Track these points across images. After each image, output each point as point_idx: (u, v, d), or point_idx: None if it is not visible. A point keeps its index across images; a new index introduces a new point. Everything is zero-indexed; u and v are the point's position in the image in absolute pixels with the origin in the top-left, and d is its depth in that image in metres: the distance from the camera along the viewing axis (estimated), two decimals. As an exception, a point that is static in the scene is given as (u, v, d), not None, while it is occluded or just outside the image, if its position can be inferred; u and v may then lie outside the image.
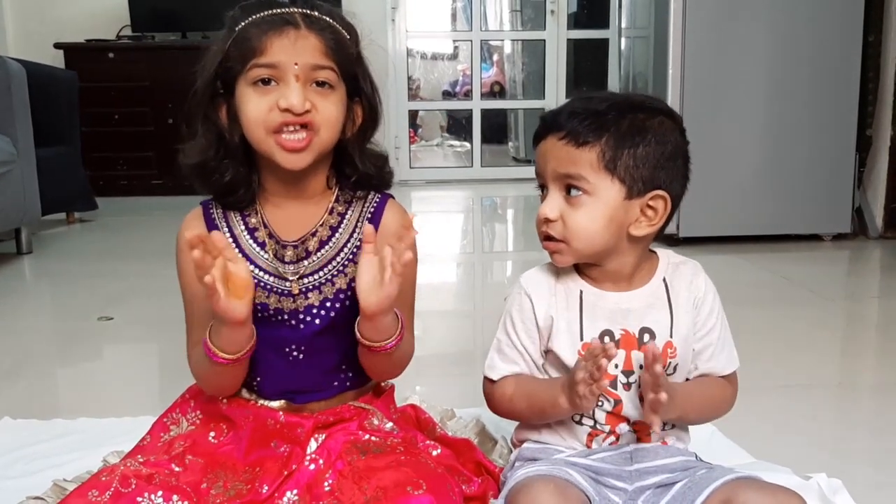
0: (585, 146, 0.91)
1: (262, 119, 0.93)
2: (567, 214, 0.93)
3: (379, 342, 0.95)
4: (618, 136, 0.91)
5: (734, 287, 2.46)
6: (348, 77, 0.98)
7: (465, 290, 2.80)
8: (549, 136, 0.94)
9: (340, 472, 0.94)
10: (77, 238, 3.62)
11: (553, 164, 0.93)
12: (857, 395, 1.64)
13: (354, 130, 1.02)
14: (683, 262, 1.02)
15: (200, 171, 0.99)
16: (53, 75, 3.74)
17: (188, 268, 0.99)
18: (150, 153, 4.66)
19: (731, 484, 0.87)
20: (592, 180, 0.91)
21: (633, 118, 0.92)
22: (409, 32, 5.45)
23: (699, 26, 2.96)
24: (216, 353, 0.93)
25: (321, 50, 0.94)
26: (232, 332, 0.92)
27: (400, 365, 1.04)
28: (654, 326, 0.96)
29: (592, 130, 0.91)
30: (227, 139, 0.98)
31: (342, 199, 1.04)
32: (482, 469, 1.07)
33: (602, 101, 0.94)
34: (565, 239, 0.94)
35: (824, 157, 3.05)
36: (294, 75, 0.93)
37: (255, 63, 0.93)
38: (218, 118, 0.98)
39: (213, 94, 0.98)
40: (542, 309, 0.97)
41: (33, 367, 1.85)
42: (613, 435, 0.97)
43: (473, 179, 5.56)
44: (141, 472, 0.92)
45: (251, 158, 1.00)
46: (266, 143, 0.95)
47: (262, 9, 0.95)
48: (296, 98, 0.92)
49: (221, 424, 1.03)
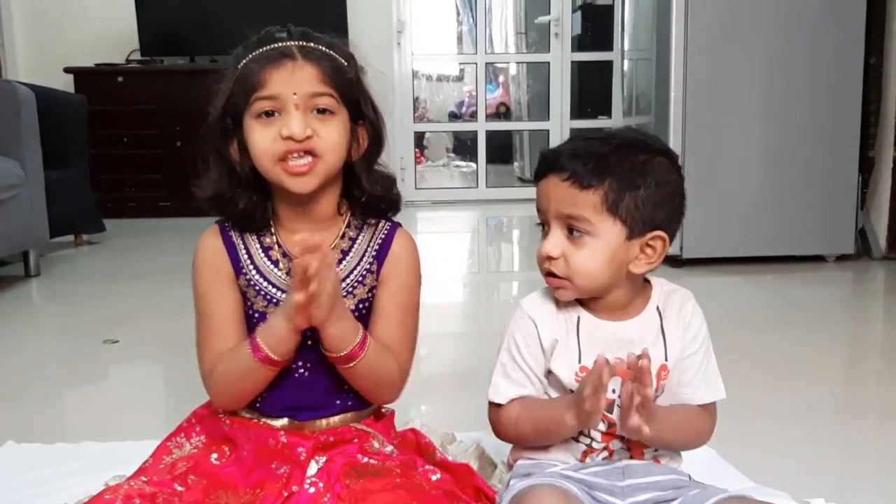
0: (589, 189, 0.93)
1: (268, 149, 0.98)
2: (569, 253, 0.95)
3: (343, 351, 0.98)
4: (620, 179, 0.93)
5: (737, 310, 2.46)
6: (349, 102, 1.02)
7: (470, 311, 2.80)
8: (550, 175, 0.96)
9: (339, 496, 0.95)
10: (85, 260, 3.65)
11: (556, 205, 0.95)
12: (861, 419, 1.63)
13: (360, 153, 1.06)
14: (675, 290, 1.04)
15: (216, 202, 1.05)
16: (62, 99, 3.78)
17: (207, 282, 1.05)
18: (158, 175, 4.70)
19: (724, 503, 0.89)
20: (595, 222, 0.94)
21: (633, 160, 0.94)
22: (414, 55, 5.50)
23: (700, 48, 2.99)
24: (268, 354, 0.97)
25: (318, 78, 0.99)
26: (290, 336, 0.97)
27: (379, 382, 1.04)
28: (649, 353, 0.97)
29: (596, 174, 0.93)
30: (238, 171, 1.03)
31: (353, 225, 1.08)
32: (481, 495, 1.07)
33: (603, 143, 0.96)
34: (568, 277, 0.96)
35: (827, 179, 3.06)
36: (294, 104, 0.97)
37: (257, 96, 0.98)
38: (229, 152, 1.03)
39: (224, 129, 1.03)
40: (546, 331, 0.99)
41: (39, 389, 1.86)
42: (607, 451, 0.99)
43: (479, 200, 5.59)
44: (144, 491, 0.94)
45: (264, 186, 1.04)
46: (274, 172, 0.99)
47: (261, 45, 1.00)
48: (296, 126, 0.97)
49: (224, 446, 1.05)
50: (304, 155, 0.98)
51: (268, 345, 0.97)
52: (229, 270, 1.05)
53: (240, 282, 1.05)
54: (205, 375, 1.05)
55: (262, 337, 0.98)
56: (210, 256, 1.06)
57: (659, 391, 0.98)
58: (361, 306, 1.06)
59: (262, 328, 0.99)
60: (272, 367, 0.99)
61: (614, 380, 0.95)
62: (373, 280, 1.06)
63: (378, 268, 1.07)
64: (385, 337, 1.04)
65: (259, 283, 1.04)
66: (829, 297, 2.69)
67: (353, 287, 1.05)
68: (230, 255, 1.05)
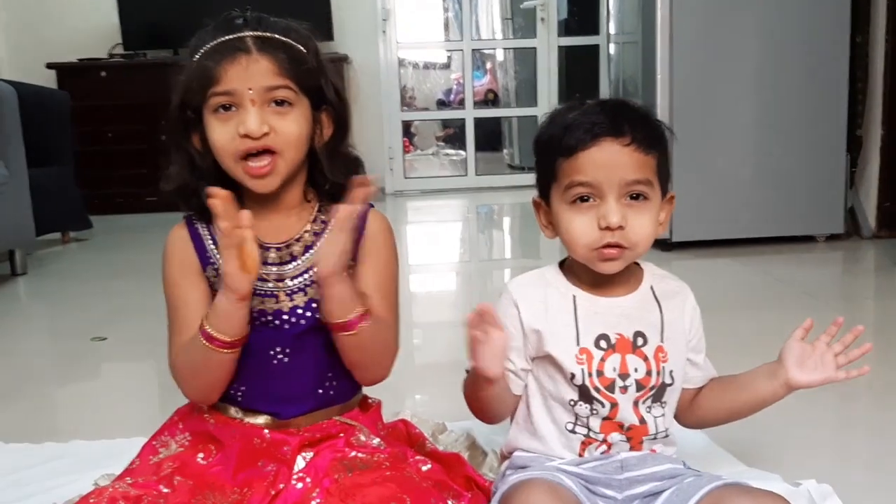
0: (650, 153, 0.94)
1: (227, 146, 0.97)
2: (632, 219, 0.94)
3: (341, 318, 0.96)
4: (663, 142, 0.97)
5: (728, 291, 2.46)
6: (309, 90, 1.00)
7: (461, 299, 2.79)
8: (604, 142, 0.93)
9: (327, 491, 0.94)
10: (72, 258, 3.63)
11: (621, 172, 0.93)
12: (852, 397, 1.63)
13: (324, 140, 1.04)
14: (668, 276, 1.05)
15: (181, 194, 1.03)
16: (45, 95, 3.75)
17: (174, 275, 1.03)
18: (144, 170, 4.67)
19: (719, 490, 0.89)
20: (654, 185, 0.95)
21: (656, 126, 0.98)
22: (400, 43, 5.47)
23: (686, 31, 2.98)
24: (214, 336, 0.95)
25: (274, 71, 0.97)
26: (234, 308, 0.94)
27: (377, 355, 1.02)
28: (647, 330, 0.98)
29: (653, 137, 0.95)
30: (200, 163, 1.01)
31: (325, 209, 1.06)
32: (472, 484, 1.07)
33: (636, 110, 0.98)
34: (632, 244, 0.95)
35: (815, 159, 3.06)
36: (250, 100, 0.96)
37: (212, 92, 0.96)
38: (191, 144, 1.02)
39: (185, 121, 1.01)
40: (529, 317, 0.98)
41: (26, 388, 1.84)
42: (605, 444, 0.97)
43: (468, 188, 5.57)
44: (129, 493, 0.93)
45: (227, 177, 1.02)
46: (235, 171, 0.99)
47: (216, 35, 0.98)
48: (253, 123, 0.95)
49: (210, 445, 1.03)
50: (263, 154, 0.97)
51: (216, 327, 0.95)
52: (195, 263, 1.03)
53: (208, 273, 1.03)
54: (171, 366, 1.03)
55: (210, 320, 0.96)
56: (176, 250, 1.04)
57: (664, 376, 0.98)
58: None
59: (209, 312, 0.97)
60: (227, 349, 0.96)
61: (613, 358, 0.96)
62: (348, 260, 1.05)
63: (354, 247, 1.04)
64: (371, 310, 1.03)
65: None
66: (820, 277, 2.69)
67: None
68: (196, 248, 1.03)
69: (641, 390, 0.97)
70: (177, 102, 1.00)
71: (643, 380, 0.97)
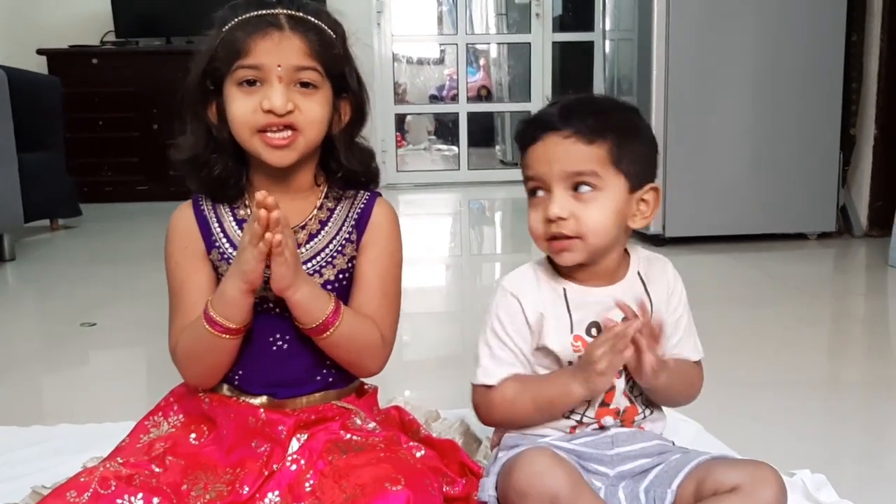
0: (593, 143, 0.93)
1: (247, 120, 0.96)
2: (578, 211, 0.94)
3: (314, 322, 0.96)
4: (620, 132, 0.95)
5: (720, 286, 2.47)
6: (334, 75, 1.00)
7: (452, 293, 2.79)
8: (547, 136, 0.95)
9: (322, 472, 0.93)
10: (61, 244, 3.59)
11: (561, 164, 0.94)
12: (843, 391, 1.64)
13: (341, 127, 1.03)
14: (654, 257, 1.05)
15: (192, 165, 1.01)
16: (36, 81, 3.71)
17: (178, 257, 1.02)
18: (135, 159, 4.64)
19: (706, 464, 0.91)
20: (603, 176, 0.94)
21: (624, 117, 0.98)
22: (394, 36, 5.45)
23: (683, 28, 2.98)
24: (219, 322, 0.95)
25: (305, 51, 0.96)
26: (242, 297, 0.94)
27: (360, 353, 1.02)
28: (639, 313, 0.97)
29: (598, 128, 0.94)
30: (217, 136, 1.00)
31: (332, 196, 1.05)
32: (466, 470, 1.07)
33: (595, 101, 0.99)
34: (581, 235, 0.95)
35: (809, 157, 3.07)
36: (277, 77, 0.95)
37: (239, 64, 0.95)
38: (207, 115, 1.00)
39: (204, 91, 1.00)
40: (531, 307, 0.98)
41: (15, 373, 1.83)
42: (598, 426, 0.98)
43: (461, 182, 5.56)
44: (121, 473, 0.92)
45: (240, 153, 1.01)
46: (252, 143, 0.97)
47: (248, 9, 0.97)
48: (278, 100, 0.94)
49: (202, 426, 1.03)
50: (283, 129, 0.96)
51: (221, 313, 0.95)
52: (200, 246, 1.02)
53: (212, 256, 1.02)
54: (171, 351, 1.02)
55: (215, 305, 0.95)
56: (181, 232, 1.03)
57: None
58: (342, 276, 1.03)
59: (214, 296, 0.97)
60: (230, 335, 0.96)
61: None
62: (353, 250, 1.04)
63: (358, 237, 1.04)
64: (366, 306, 1.02)
65: (232, 256, 1.01)
66: (811, 274, 2.70)
67: (333, 257, 1.03)
68: (202, 230, 1.03)
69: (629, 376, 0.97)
70: (199, 71, 0.99)
71: None
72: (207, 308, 0.96)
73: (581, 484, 0.87)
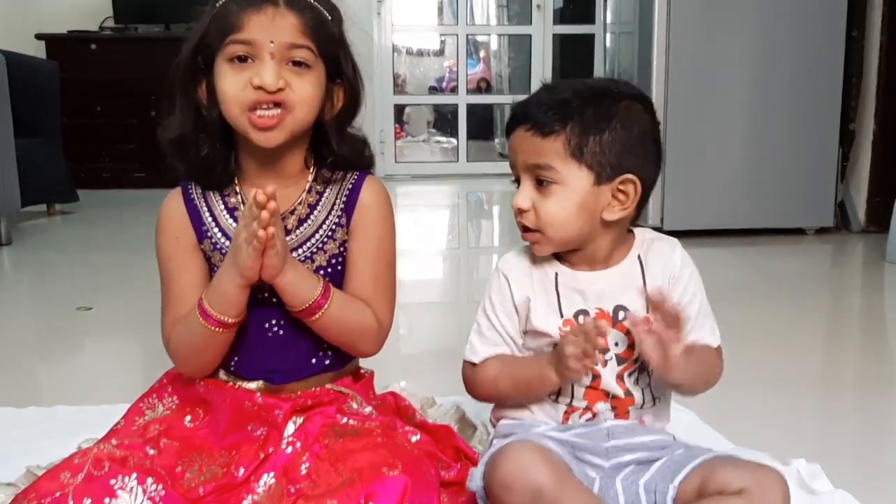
0: (550, 136, 0.93)
1: (237, 96, 0.94)
2: (539, 204, 0.94)
3: (304, 304, 0.96)
4: (582, 123, 0.92)
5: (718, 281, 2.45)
6: (328, 58, 0.98)
7: (449, 285, 2.79)
8: (517, 128, 0.96)
9: (317, 455, 0.93)
10: (57, 230, 3.59)
11: (522, 156, 0.95)
12: (839, 387, 1.64)
13: (333, 113, 1.01)
14: (658, 238, 1.02)
15: (178, 145, 0.99)
16: (34, 65, 3.70)
17: (168, 249, 1.01)
18: (132, 146, 4.63)
19: (710, 462, 0.89)
20: (560, 169, 0.93)
21: (597, 105, 0.94)
22: (394, 26, 5.44)
23: (683, 22, 2.97)
24: (214, 317, 0.94)
25: (299, 29, 0.94)
26: (237, 292, 0.93)
27: (353, 334, 1.01)
28: (629, 304, 0.97)
29: (557, 120, 0.92)
30: (206, 115, 0.98)
31: (320, 179, 1.04)
32: (461, 455, 1.06)
33: (566, 90, 0.96)
34: (539, 228, 0.95)
35: (808, 152, 3.07)
36: (269, 53, 0.93)
37: (231, 39, 0.93)
38: (196, 95, 0.99)
39: (195, 69, 0.98)
40: (519, 289, 0.98)
41: (11, 355, 1.82)
42: (590, 411, 0.97)
43: (459, 174, 5.56)
44: (115, 454, 0.91)
45: (229, 137, 1.00)
46: (240, 121, 0.95)
47: None
48: (269, 76, 0.92)
49: (198, 409, 1.02)
50: (272, 106, 0.94)
51: (216, 307, 0.94)
52: (191, 237, 1.01)
53: (204, 246, 1.01)
54: (164, 343, 1.02)
55: (209, 299, 0.94)
56: (171, 224, 1.02)
57: None
58: (334, 261, 1.02)
59: (208, 290, 0.96)
60: (225, 329, 0.95)
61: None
62: (343, 234, 1.03)
63: (347, 220, 1.03)
64: (359, 290, 1.01)
65: (224, 246, 1.00)
66: (809, 269, 2.70)
67: (324, 242, 1.01)
68: (192, 220, 1.01)
69: (623, 363, 0.96)
70: (190, 47, 0.97)
71: (624, 353, 0.96)
72: (202, 302, 0.95)
73: (566, 478, 0.86)
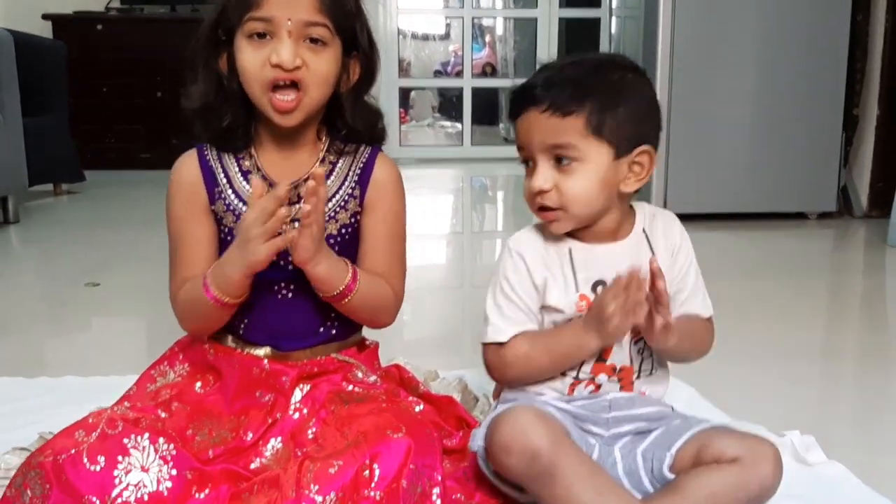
0: (570, 115, 0.93)
1: (257, 74, 0.96)
2: (561, 183, 0.95)
3: (333, 291, 0.98)
4: (599, 100, 0.93)
5: (719, 261, 2.48)
6: (344, 33, 1.00)
7: (454, 269, 2.80)
8: (529, 109, 0.96)
9: (324, 421, 0.96)
10: (64, 209, 3.61)
11: (540, 137, 0.95)
12: (835, 360, 1.66)
13: (349, 85, 1.04)
14: (658, 212, 1.05)
15: (202, 114, 1.02)
16: (41, 45, 3.71)
17: (179, 209, 1.03)
18: (138, 126, 4.64)
19: (706, 432, 0.91)
20: (582, 147, 0.94)
21: (608, 80, 0.95)
22: (400, 9, 5.43)
23: (688, 7, 2.97)
24: (218, 297, 0.96)
25: (315, 6, 0.96)
26: (244, 280, 0.95)
27: (376, 310, 1.04)
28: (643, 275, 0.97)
29: (575, 99, 0.93)
30: (226, 85, 1.01)
31: (333, 150, 1.06)
32: (464, 424, 1.08)
33: (575, 67, 0.96)
34: (563, 206, 0.95)
35: (811, 136, 3.07)
36: (287, 31, 0.95)
37: (250, 16, 0.96)
38: (218, 65, 1.01)
39: (215, 41, 1.00)
40: (536, 266, 0.99)
41: (20, 328, 1.85)
42: (593, 384, 0.99)
43: (464, 158, 5.56)
44: (128, 416, 0.93)
45: (249, 103, 1.02)
46: (262, 101, 0.98)
47: None
48: (286, 54, 0.95)
49: (208, 375, 1.04)
50: (290, 87, 0.96)
51: (219, 287, 0.96)
52: (203, 199, 1.03)
53: (217, 207, 1.03)
54: (171, 299, 1.04)
55: (214, 279, 0.96)
56: (185, 185, 1.04)
57: None
58: (344, 231, 1.04)
59: (214, 267, 0.97)
60: (224, 308, 0.97)
61: None
62: (356, 205, 1.05)
63: (361, 193, 1.05)
64: (375, 264, 1.04)
65: (238, 208, 1.02)
66: (810, 252, 2.72)
67: (336, 212, 1.04)
68: (206, 181, 1.03)
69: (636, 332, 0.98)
70: (211, 20, 1.00)
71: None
72: (206, 279, 0.97)
73: (563, 441, 0.88)
